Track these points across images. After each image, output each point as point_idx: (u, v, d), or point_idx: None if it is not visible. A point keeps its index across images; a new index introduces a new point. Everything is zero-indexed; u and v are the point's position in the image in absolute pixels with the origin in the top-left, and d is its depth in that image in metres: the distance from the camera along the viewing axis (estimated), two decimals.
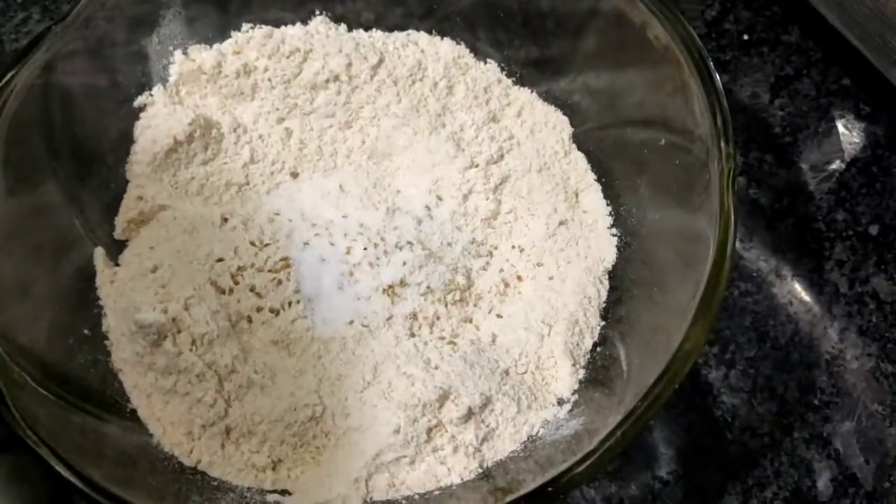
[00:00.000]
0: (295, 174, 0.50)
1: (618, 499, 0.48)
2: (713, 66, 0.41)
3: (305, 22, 0.51)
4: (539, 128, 0.52)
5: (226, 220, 0.47)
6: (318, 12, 0.52)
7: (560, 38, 0.51)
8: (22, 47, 0.42)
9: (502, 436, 0.43)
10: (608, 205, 0.50)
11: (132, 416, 0.42)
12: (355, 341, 0.44)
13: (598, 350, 0.46)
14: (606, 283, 0.48)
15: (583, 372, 0.45)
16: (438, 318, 0.46)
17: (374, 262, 0.45)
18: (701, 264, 0.38)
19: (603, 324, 0.47)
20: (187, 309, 0.42)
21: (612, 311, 0.47)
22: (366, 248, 0.46)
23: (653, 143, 0.46)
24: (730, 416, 0.51)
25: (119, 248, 0.47)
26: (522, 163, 0.50)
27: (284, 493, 0.41)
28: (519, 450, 0.43)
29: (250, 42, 0.49)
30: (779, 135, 0.59)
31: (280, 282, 0.45)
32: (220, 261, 0.45)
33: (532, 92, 0.53)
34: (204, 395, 0.41)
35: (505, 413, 0.43)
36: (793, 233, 0.56)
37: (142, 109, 0.49)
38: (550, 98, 0.53)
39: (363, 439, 0.42)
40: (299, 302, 0.44)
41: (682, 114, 0.43)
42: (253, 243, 0.46)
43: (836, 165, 0.58)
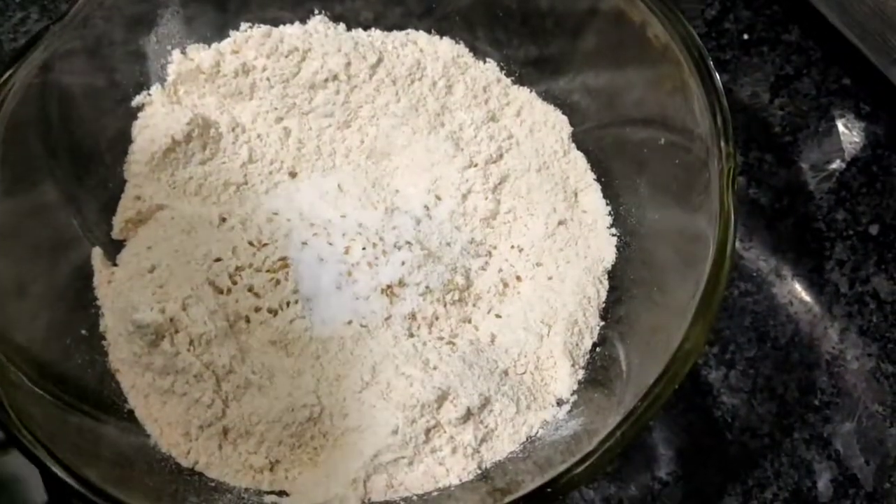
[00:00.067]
0: (293, 174, 0.50)
1: (617, 500, 0.48)
2: (713, 66, 0.41)
3: (304, 21, 0.51)
4: (538, 127, 0.52)
5: (224, 219, 0.47)
6: (316, 11, 0.51)
7: (559, 38, 0.51)
8: (20, 46, 0.42)
9: (501, 436, 0.42)
10: (607, 204, 0.50)
11: (129, 417, 0.42)
12: (354, 341, 0.44)
13: (598, 350, 0.46)
14: (606, 282, 0.48)
15: (582, 372, 0.45)
16: (437, 319, 0.46)
17: (372, 261, 0.45)
18: (701, 264, 0.38)
19: (602, 324, 0.47)
20: (185, 309, 0.42)
21: (612, 311, 0.47)
22: (364, 248, 0.46)
23: (652, 142, 0.46)
24: (730, 417, 0.50)
25: (117, 248, 0.47)
26: (521, 162, 0.50)
27: (282, 493, 0.41)
28: (518, 450, 0.42)
29: (249, 41, 0.49)
30: (779, 134, 0.59)
31: (278, 282, 0.45)
32: (218, 261, 0.45)
33: (531, 91, 0.53)
34: (201, 396, 0.41)
35: (504, 414, 0.42)
36: (793, 232, 0.56)
37: (140, 109, 0.48)
38: (550, 97, 0.53)
39: (361, 440, 0.41)
40: (297, 302, 0.44)
41: (682, 113, 0.43)
42: (251, 243, 0.46)
43: (837, 165, 0.58)
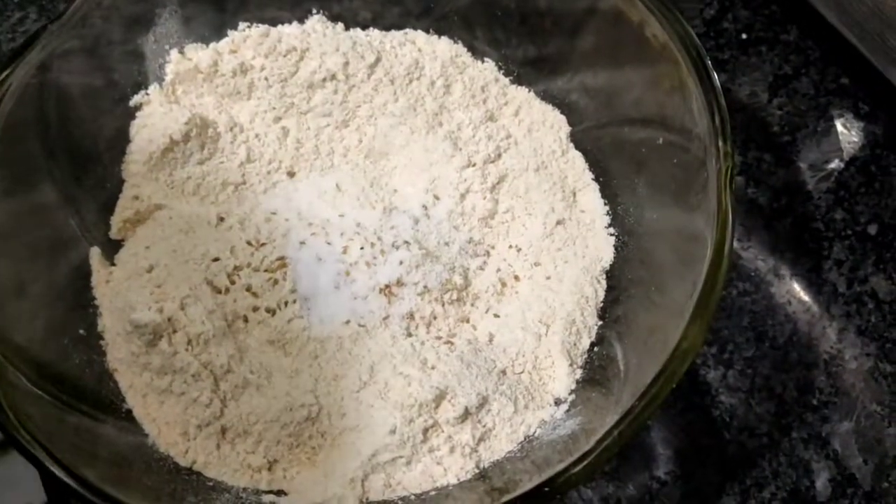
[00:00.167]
0: (291, 173, 0.50)
1: (615, 499, 0.48)
2: (711, 65, 0.41)
3: (302, 21, 0.51)
4: (536, 127, 0.52)
5: (222, 219, 0.47)
6: (314, 11, 0.51)
7: (558, 37, 0.51)
8: (17, 46, 0.42)
9: (499, 436, 0.43)
10: (606, 204, 0.50)
11: (127, 417, 0.42)
12: (352, 341, 0.44)
13: (596, 350, 0.46)
14: (604, 282, 0.48)
15: (580, 372, 0.45)
16: (435, 318, 0.46)
17: (370, 261, 0.45)
18: (698, 263, 0.38)
19: (600, 323, 0.47)
20: (183, 309, 0.42)
21: (610, 311, 0.47)
22: (362, 248, 0.46)
23: (650, 142, 0.46)
24: (728, 416, 0.50)
25: (115, 248, 0.47)
26: (520, 162, 0.50)
27: (280, 493, 0.41)
28: (516, 450, 0.42)
29: (247, 41, 0.49)
30: (777, 134, 0.59)
31: (276, 281, 0.45)
32: (217, 260, 0.45)
33: (529, 91, 0.53)
34: (199, 396, 0.41)
35: (502, 413, 0.42)
36: (791, 232, 0.56)
37: (138, 108, 0.48)
38: (548, 97, 0.53)
39: (359, 439, 0.41)
40: (295, 301, 0.44)
41: (680, 112, 0.43)
42: (249, 243, 0.46)
43: (835, 164, 0.58)
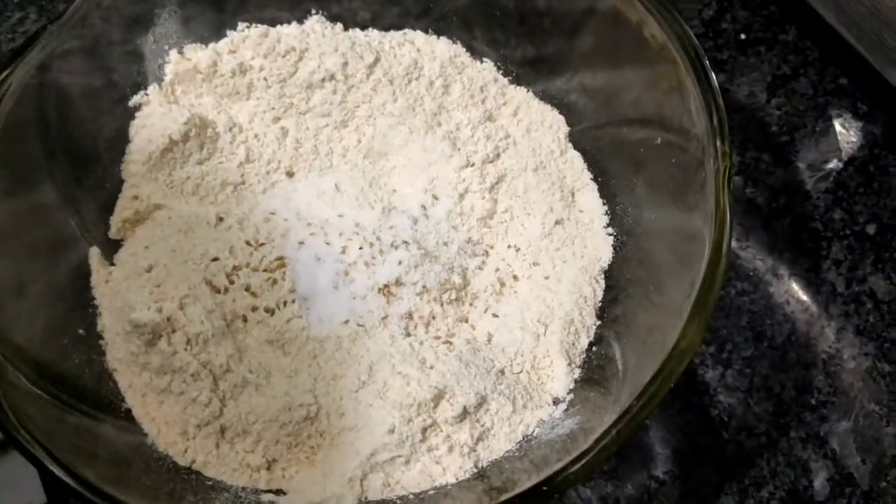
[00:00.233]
0: (291, 173, 0.50)
1: (614, 498, 0.48)
2: (709, 65, 0.41)
3: (301, 21, 0.51)
4: (535, 127, 0.52)
5: (221, 219, 0.47)
6: (314, 11, 0.51)
7: (556, 37, 0.51)
8: (17, 46, 0.42)
9: (497, 435, 0.43)
10: (604, 204, 0.50)
11: (127, 416, 0.42)
12: (350, 341, 0.44)
13: (594, 349, 0.46)
14: (602, 282, 0.48)
15: (578, 371, 0.45)
16: (434, 318, 0.46)
17: (369, 261, 0.45)
18: (696, 263, 0.38)
19: (599, 323, 0.47)
20: (182, 308, 0.42)
21: (608, 311, 0.47)
22: (361, 248, 0.46)
23: (649, 142, 0.46)
24: (726, 416, 0.51)
25: (114, 248, 0.47)
26: (518, 162, 0.50)
27: (279, 492, 0.41)
28: (514, 449, 0.43)
29: (246, 41, 0.49)
30: (776, 134, 0.59)
31: (275, 281, 0.45)
32: (216, 260, 0.45)
33: (528, 91, 0.53)
34: (199, 395, 0.41)
35: (500, 412, 0.43)
36: (790, 232, 0.56)
37: (137, 109, 0.49)
38: (547, 97, 0.53)
39: (358, 439, 0.41)
40: (294, 301, 0.44)
41: (679, 112, 0.43)
42: (248, 243, 0.46)
43: (834, 164, 0.58)
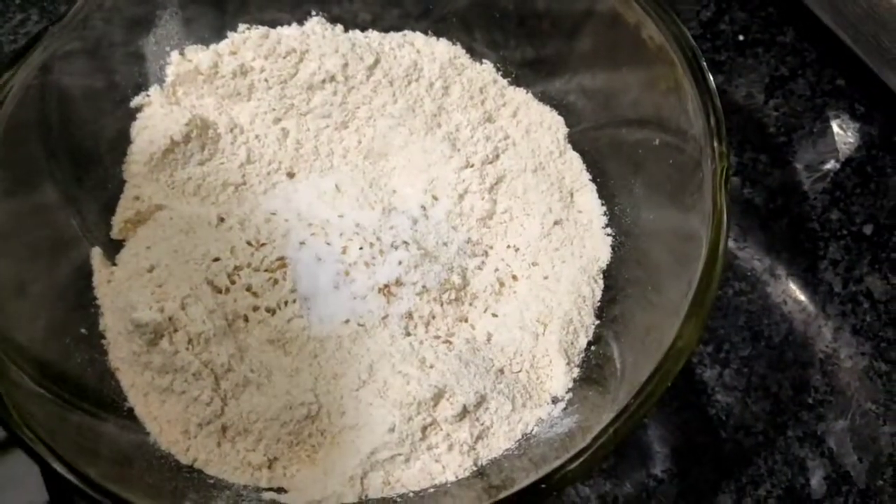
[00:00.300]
0: (291, 174, 0.50)
1: (612, 497, 0.49)
2: (706, 66, 0.42)
3: (302, 22, 0.51)
4: (534, 128, 0.52)
5: (222, 219, 0.47)
6: (314, 13, 0.52)
7: (555, 39, 0.51)
8: (19, 48, 0.42)
9: (497, 434, 0.43)
10: (603, 204, 0.50)
11: (129, 415, 0.42)
12: (351, 340, 0.45)
13: (593, 349, 0.46)
14: (601, 282, 0.48)
15: (577, 370, 0.46)
16: (434, 318, 0.46)
17: (369, 261, 0.46)
18: (694, 263, 0.38)
19: (597, 322, 0.47)
20: (184, 308, 0.43)
21: (607, 310, 0.47)
22: (361, 248, 0.46)
23: (647, 142, 0.46)
24: (724, 415, 0.51)
25: (116, 248, 0.47)
26: (518, 163, 0.50)
27: (280, 490, 0.42)
28: (513, 448, 0.43)
29: (247, 42, 0.49)
30: (773, 135, 0.59)
31: (276, 281, 0.45)
32: (217, 260, 0.45)
33: (527, 92, 0.53)
34: (200, 394, 0.42)
35: (499, 411, 0.43)
36: (787, 232, 0.56)
37: (139, 110, 0.49)
38: (546, 98, 0.53)
39: (358, 437, 0.42)
40: (295, 301, 0.45)
41: (676, 113, 0.43)
42: (249, 243, 0.46)
43: (831, 165, 0.58)
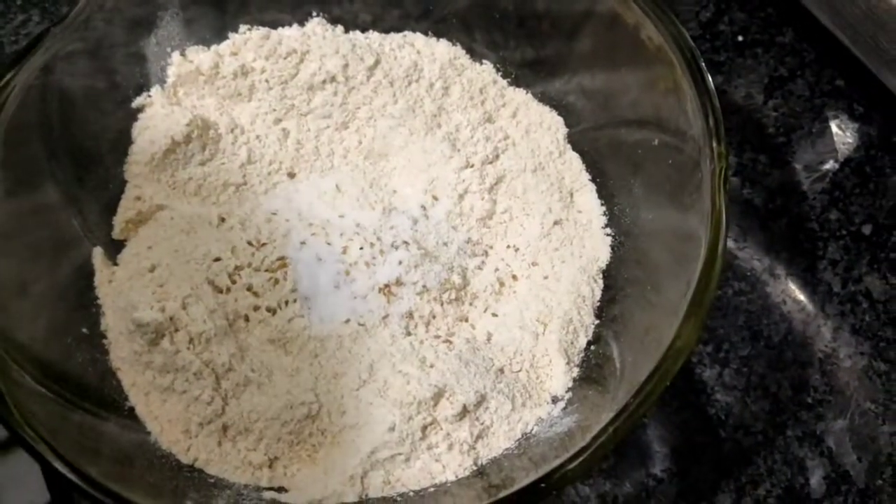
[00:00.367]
0: (292, 174, 0.50)
1: (612, 496, 0.49)
2: (705, 67, 0.42)
3: (302, 23, 0.52)
4: (534, 128, 0.52)
5: (223, 219, 0.47)
6: (314, 14, 0.52)
7: (555, 40, 0.52)
8: (21, 49, 0.42)
9: (497, 433, 0.43)
10: (602, 205, 0.50)
11: (130, 414, 0.42)
12: (351, 340, 0.45)
13: (592, 348, 0.46)
14: (600, 282, 0.48)
15: (577, 370, 0.46)
16: (434, 317, 0.46)
17: (370, 261, 0.46)
18: (693, 263, 0.39)
19: (597, 322, 0.47)
20: (185, 308, 0.43)
21: (606, 310, 0.48)
22: (362, 248, 0.46)
23: (646, 143, 0.47)
24: (723, 415, 0.51)
25: (117, 248, 0.47)
26: (517, 163, 0.51)
27: (281, 490, 0.42)
28: (513, 447, 0.43)
29: (247, 43, 0.50)
30: (773, 135, 0.59)
31: (277, 281, 0.45)
32: (218, 260, 0.45)
33: (527, 93, 0.53)
34: (201, 394, 0.42)
35: (499, 411, 0.43)
36: (786, 232, 0.56)
37: (140, 110, 0.49)
38: (545, 99, 0.53)
39: (359, 437, 0.42)
40: (296, 301, 0.45)
41: (675, 114, 0.43)
42: (250, 243, 0.46)
43: (830, 165, 0.59)
